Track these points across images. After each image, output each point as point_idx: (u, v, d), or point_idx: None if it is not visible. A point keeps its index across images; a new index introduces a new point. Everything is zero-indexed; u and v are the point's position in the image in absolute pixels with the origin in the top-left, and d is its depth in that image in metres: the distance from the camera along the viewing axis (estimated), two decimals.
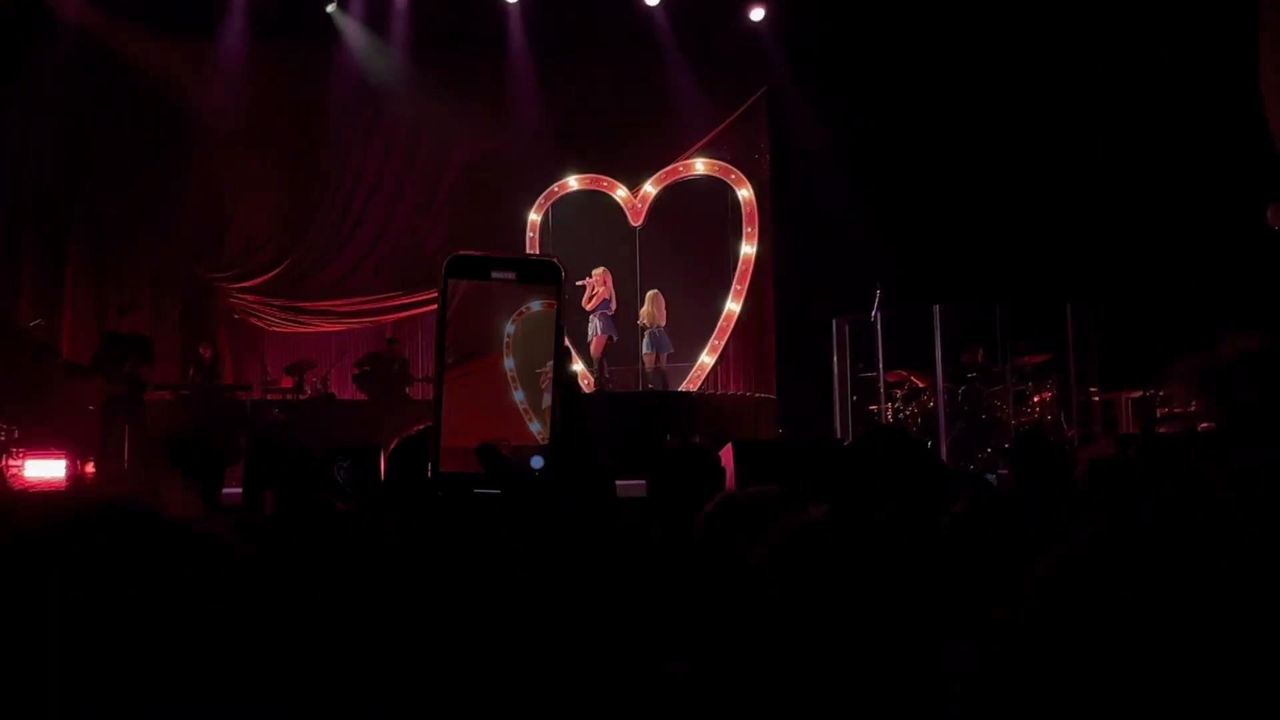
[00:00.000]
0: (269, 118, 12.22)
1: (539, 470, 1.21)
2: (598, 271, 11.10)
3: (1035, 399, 10.16)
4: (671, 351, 11.34)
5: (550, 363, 1.24)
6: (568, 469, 1.21)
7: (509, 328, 1.24)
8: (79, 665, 0.87)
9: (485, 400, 1.26)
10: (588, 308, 11.04)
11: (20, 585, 0.88)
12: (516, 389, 1.23)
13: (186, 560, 0.97)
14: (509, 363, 1.23)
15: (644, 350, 11.17)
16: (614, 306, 11.14)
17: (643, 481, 3.20)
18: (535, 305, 1.24)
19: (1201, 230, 10.51)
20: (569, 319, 1.38)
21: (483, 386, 1.26)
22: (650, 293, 11.23)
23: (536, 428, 1.23)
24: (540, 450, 1.21)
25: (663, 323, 11.19)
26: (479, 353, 1.27)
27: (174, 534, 0.98)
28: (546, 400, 1.24)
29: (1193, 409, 9.58)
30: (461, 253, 1.25)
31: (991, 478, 5.28)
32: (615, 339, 11.19)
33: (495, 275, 1.24)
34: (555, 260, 1.23)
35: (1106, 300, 10.51)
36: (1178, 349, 10.11)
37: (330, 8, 11.97)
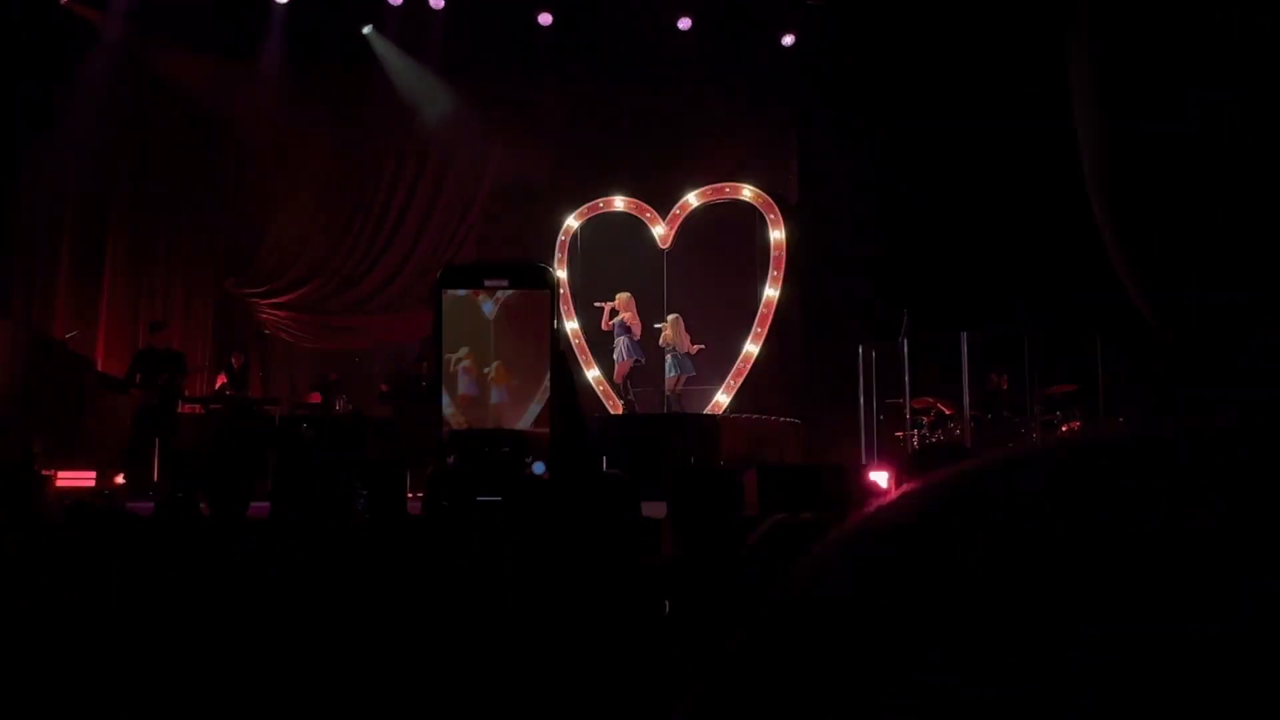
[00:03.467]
0: (304, 136, 12.36)
1: (540, 475, 1.23)
2: (622, 297, 11.12)
3: (1063, 428, 10.08)
4: (693, 374, 11.32)
5: (464, 348, 1.26)
6: (569, 473, 1.23)
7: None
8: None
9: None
10: (605, 328, 11.13)
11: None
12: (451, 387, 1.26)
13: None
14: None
15: (667, 373, 11.18)
16: (638, 333, 11.15)
17: (663, 503, 3.21)
18: (461, 291, 1.27)
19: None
20: (562, 327, 1.42)
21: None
22: (671, 317, 11.23)
23: (461, 420, 1.26)
24: (537, 454, 1.24)
25: (686, 347, 11.16)
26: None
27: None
28: (461, 386, 1.26)
29: None
30: (454, 263, 1.30)
31: None
32: (642, 362, 11.21)
33: (488, 283, 1.27)
34: (544, 266, 1.27)
35: (1136, 330, 10.42)
36: (1205, 379, 10.03)
37: (366, 29, 12.12)
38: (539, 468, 1.24)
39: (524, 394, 1.26)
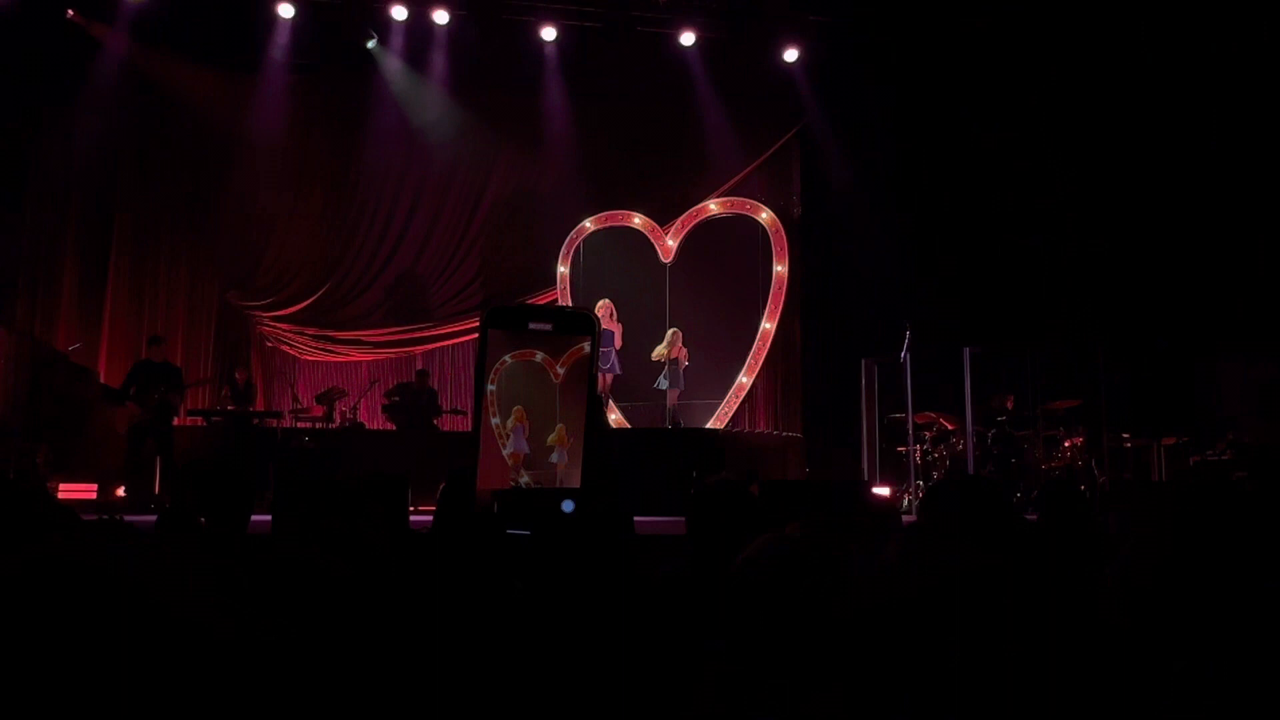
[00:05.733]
0: (307, 149, 12.41)
1: (569, 513, 1.23)
2: (602, 303, 11.04)
3: (1066, 444, 10.07)
4: (680, 389, 11.25)
5: (517, 407, 1.27)
6: (595, 514, 1.24)
7: (507, 358, 1.26)
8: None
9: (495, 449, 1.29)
10: None
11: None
12: (505, 444, 1.26)
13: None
14: (495, 420, 1.26)
15: (664, 386, 11.15)
16: (619, 342, 11.03)
17: (666, 518, 3.21)
18: (508, 359, 1.27)
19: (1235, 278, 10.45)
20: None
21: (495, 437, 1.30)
22: (671, 331, 11.24)
23: (525, 479, 1.26)
24: (569, 495, 1.24)
25: (683, 362, 11.15)
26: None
27: None
28: (511, 445, 1.27)
29: (1226, 457, 9.48)
30: (500, 305, 1.29)
31: None
32: (618, 373, 11.14)
33: (532, 326, 1.27)
34: (590, 313, 1.27)
35: (1140, 346, 10.43)
36: (1209, 397, 10.04)
37: (370, 43, 12.15)
38: (568, 505, 1.26)
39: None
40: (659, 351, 11.11)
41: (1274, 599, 1.22)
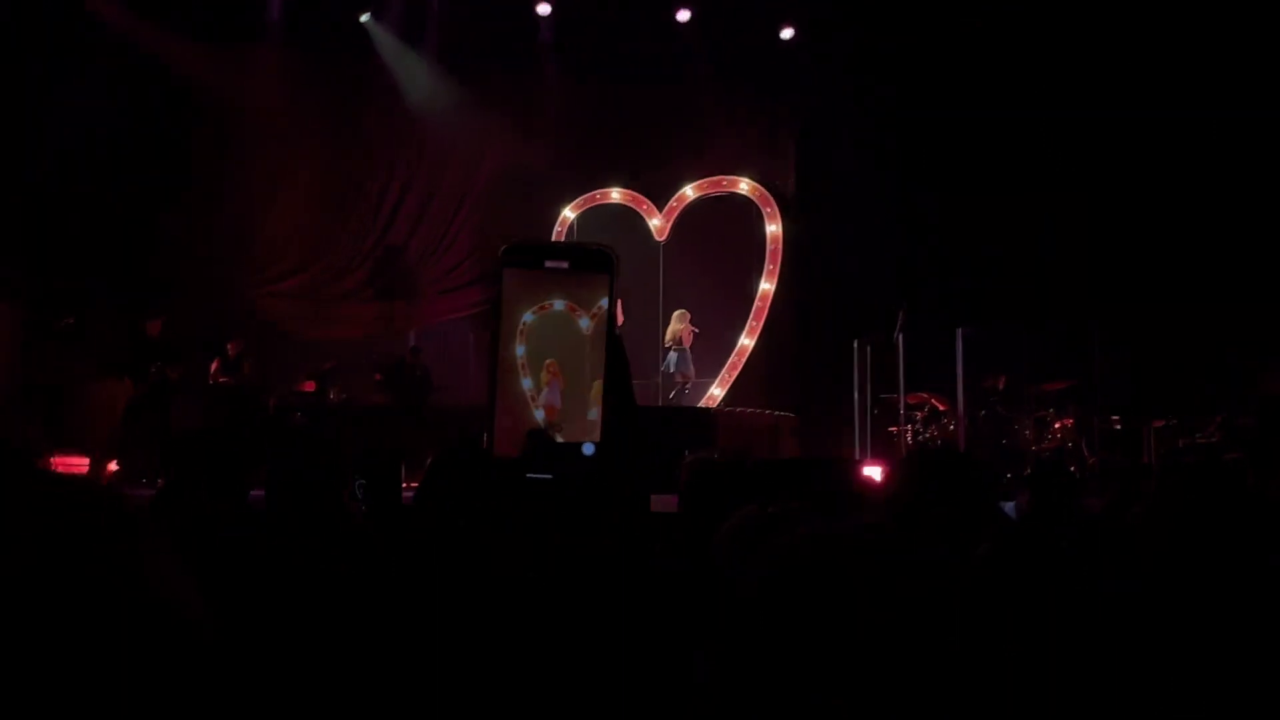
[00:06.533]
0: (301, 124, 12.31)
1: (589, 456, 1.23)
2: None
3: (1056, 425, 10.11)
4: (690, 372, 11.32)
5: (549, 359, 1.25)
6: (618, 456, 1.23)
7: (528, 316, 1.25)
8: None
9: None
10: None
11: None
12: (525, 376, 1.25)
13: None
14: (519, 349, 1.25)
15: (673, 369, 11.16)
16: (620, 319, 11.01)
17: (659, 495, 3.23)
18: (558, 305, 1.26)
19: (1227, 261, 10.47)
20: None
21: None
22: (679, 312, 11.25)
23: (540, 415, 1.25)
24: (582, 437, 1.23)
25: (687, 342, 11.19)
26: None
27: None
28: (544, 398, 1.26)
29: (1215, 439, 9.52)
30: (517, 241, 1.28)
31: (1009, 505, 5.26)
32: None
33: (549, 264, 1.26)
34: (607, 249, 1.25)
35: (1131, 328, 10.45)
36: (1201, 379, 10.07)
37: (364, 18, 12.07)
38: (589, 448, 1.24)
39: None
40: (674, 331, 11.13)
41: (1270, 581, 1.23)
